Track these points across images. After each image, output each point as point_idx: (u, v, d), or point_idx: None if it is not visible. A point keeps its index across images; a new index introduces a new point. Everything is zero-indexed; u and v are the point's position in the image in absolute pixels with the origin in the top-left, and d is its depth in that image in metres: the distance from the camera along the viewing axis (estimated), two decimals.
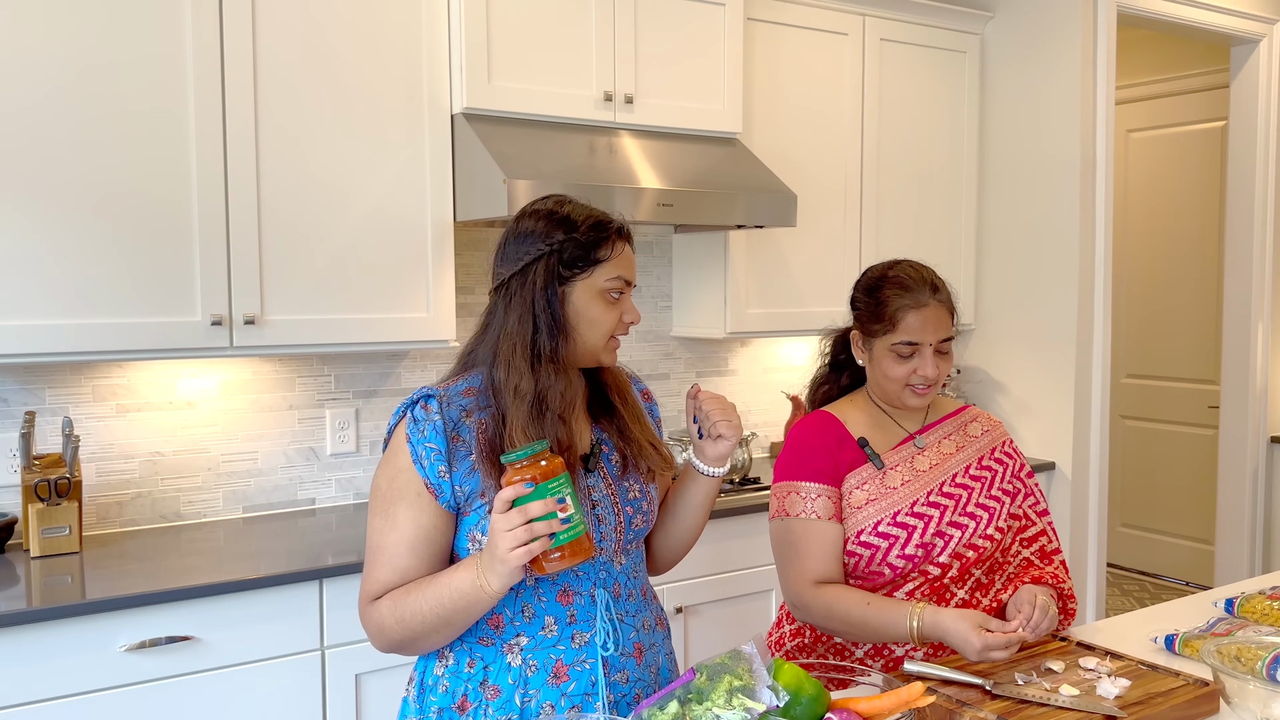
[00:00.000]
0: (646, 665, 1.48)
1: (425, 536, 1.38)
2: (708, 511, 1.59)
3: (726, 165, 2.94)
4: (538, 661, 1.40)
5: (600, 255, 1.42)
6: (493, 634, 1.41)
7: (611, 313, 1.44)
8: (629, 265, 1.45)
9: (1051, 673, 1.58)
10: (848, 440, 1.80)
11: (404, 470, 1.38)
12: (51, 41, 2.17)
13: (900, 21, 3.47)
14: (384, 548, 1.38)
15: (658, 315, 3.38)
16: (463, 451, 1.38)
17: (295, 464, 2.79)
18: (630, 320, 1.46)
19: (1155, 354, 5.21)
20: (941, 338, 1.75)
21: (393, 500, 1.39)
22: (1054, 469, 3.61)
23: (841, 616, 1.69)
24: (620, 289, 1.44)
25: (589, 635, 1.41)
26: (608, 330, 1.44)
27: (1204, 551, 5.00)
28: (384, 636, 1.38)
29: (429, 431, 1.38)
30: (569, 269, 1.41)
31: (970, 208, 3.74)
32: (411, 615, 1.34)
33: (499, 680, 1.40)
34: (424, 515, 1.37)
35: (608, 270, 1.42)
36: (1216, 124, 4.89)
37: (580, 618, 1.41)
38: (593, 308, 1.42)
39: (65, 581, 2.15)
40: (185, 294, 2.33)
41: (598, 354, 1.45)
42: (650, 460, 1.50)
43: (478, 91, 2.62)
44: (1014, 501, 1.84)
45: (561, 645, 1.40)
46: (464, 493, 1.38)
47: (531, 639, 1.40)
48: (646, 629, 1.50)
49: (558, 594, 1.41)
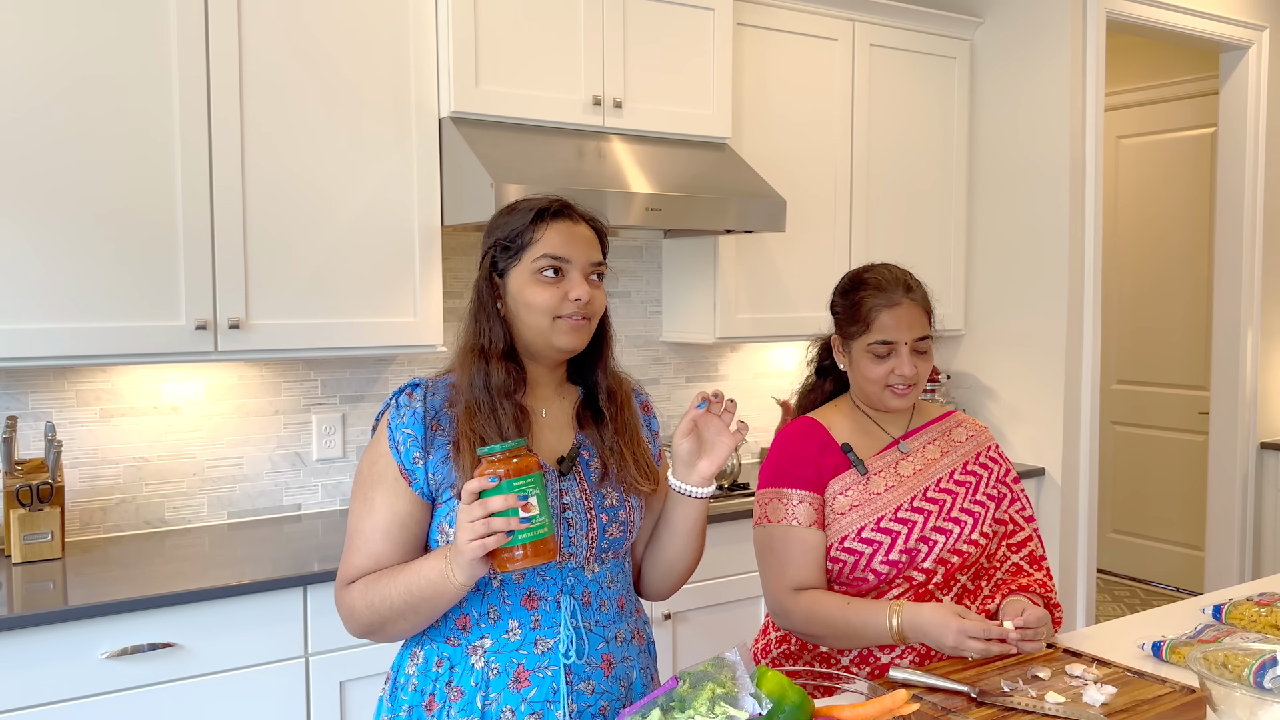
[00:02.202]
0: (616, 678, 1.45)
1: (400, 523, 1.39)
2: (697, 537, 1.51)
3: (716, 170, 2.94)
4: (500, 665, 1.39)
5: (527, 239, 1.42)
6: (459, 634, 1.41)
7: (548, 293, 1.40)
8: (563, 243, 1.41)
9: (1038, 679, 1.57)
10: (831, 446, 1.79)
11: (382, 455, 1.41)
12: (31, 41, 2.15)
13: (890, 27, 3.47)
14: (360, 531, 1.41)
15: (647, 320, 3.37)
16: (440, 440, 1.40)
17: (281, 469, 2.78)
18: (576, 297, 1.40)
19: (1145, 360, 5.22)
20: (917, 336, 1.76)
21: (371, 485, 1.41)
22: (1044, 475, 3.60)
23: (822, 620, 1.69)
24: (551, 267, 1.40)
25: (553, 642, 1.40)
26: (547, 311, 1.40)
27: (1194, 557, 5.00)
28: (354, 620, 1.40)
29: (408, 418, 1.41)
30: (504, 258, 1.43)
31: (960, 213, 3.74)
32: (381, 600, 1.36)
33: (462, 682, 1.40)
34: (399, 501, 1.39)
35: (535, 250, 1.41)
36: (1206, 130, 4.91)
37: (545, 623, 1.40)
38: (526, 291, 1.41)
39: (47, 588, 2.13)
40: (169, 298, 2.31)
41: (548, 338, 1.42)
42: (628, 475, 1.46)
43: (466, 95, 2.61)
44: (999, 507, 1.83)
45: (524, 650, 1.39)
46: (436, 481, 1.40)
47: (495, 641, 1.39)
48: (619, 641, 1.47)
49: (523, 598, 1.40)
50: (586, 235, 1.45)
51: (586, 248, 1.44)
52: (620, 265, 3.30)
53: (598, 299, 1.44)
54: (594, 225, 1.48)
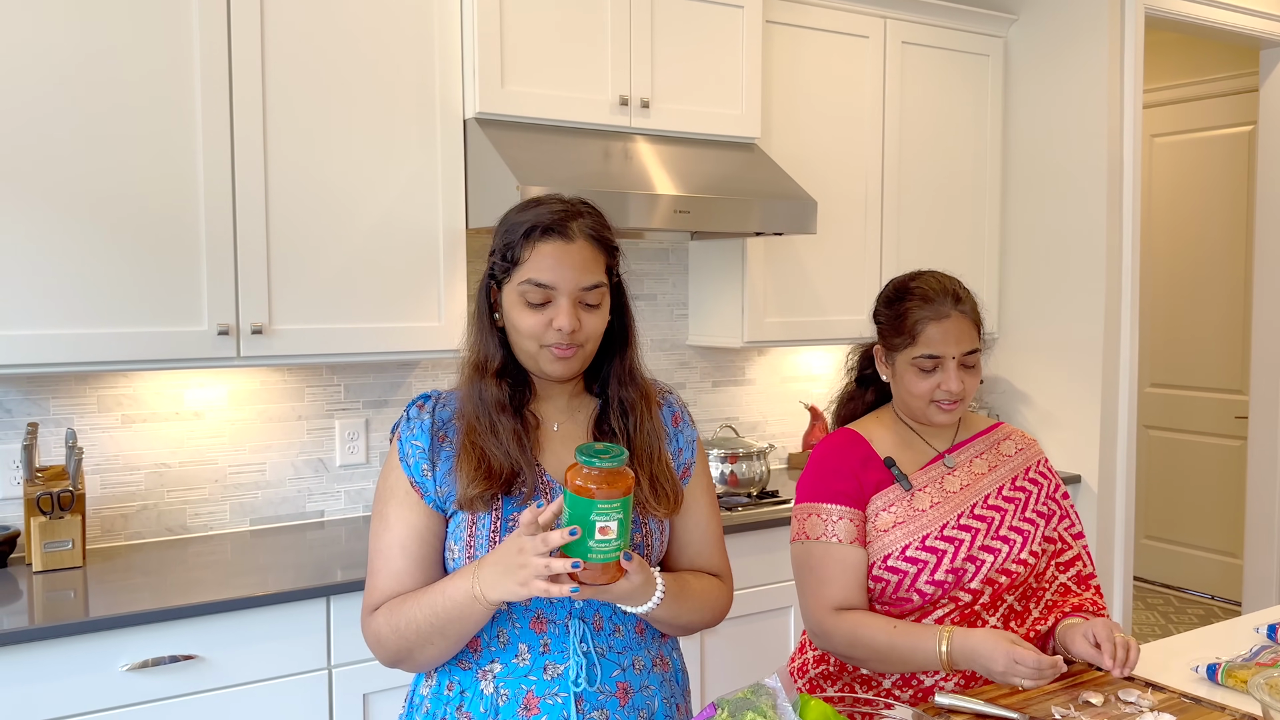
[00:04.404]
0: (634, 708, 1.37)
1: (417, 536, 1.36)
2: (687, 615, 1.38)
3: (745, 171, 2.88)
4: (509, 691, 1.33)
5: (516, 256, 1.34)
6: (470, 657, 1.36)
7: (533, 318, 1.32)
8: (551, 266, 1.31)
9: (1090, 705, 1.50)
10: (873, 460, 1.72)
11: (394, 470, 1.39)
12: (52, 38, 2.12)
13: (922, 24, 3.39)
14: (379, 551, 1.38)
15: (673, 324, 3.31)
16: (447, 451, 1.37)
17: (304, 475, 2.74)
18: (559, 327, 1.30)
19: (1180, 363, 5.11)
20: (965, 350, 1.67)
21: (385, 500, 1.39)
22: (1079, 481, 3.52)
23: (866, 643, 1.62)
24: (534, 293, 1.31)
25: (563, 667, 1.34)
26: (532, 337, 1.33)
27: (1231, 565, 4.90)
28: (382, 647, 1.36)
29: (417, 430, 1.39)
30: (500, 269, 1.37)
31: (994, 214, 3.66)
32: (406, 624, 1.31)
33: (472, 708, 1.35)
34: (412, 514, 1.36)
35: (522, 273, 1.33)
36: (1244, 128, 4.80)
37: (554, 648, 1.34)
38: (513, 313, 1.35)
39: (68, 597, 2.10)
40: (191, 303, 2.28)
41: (536, 363, 1.36)
42: (641, 497, 1.36)
43: (491, 96, 2.56)
44: (1049, 524, 1.76)
45: (533, 676, 1.33)
46: (444, 493, 1.36)
47: (505, 666, 1.34)
48: (637, 669, 1.39)
49: (531, 620, 1.34)
50: (581, 256, 1.33)
51: (577, 272, 1.32)
52: (646, 268, 3.24)
53: (589, 325, 1.34)
54: (598, 238, 1.36)
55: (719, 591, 1.47)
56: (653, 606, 1.30)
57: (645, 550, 1.39)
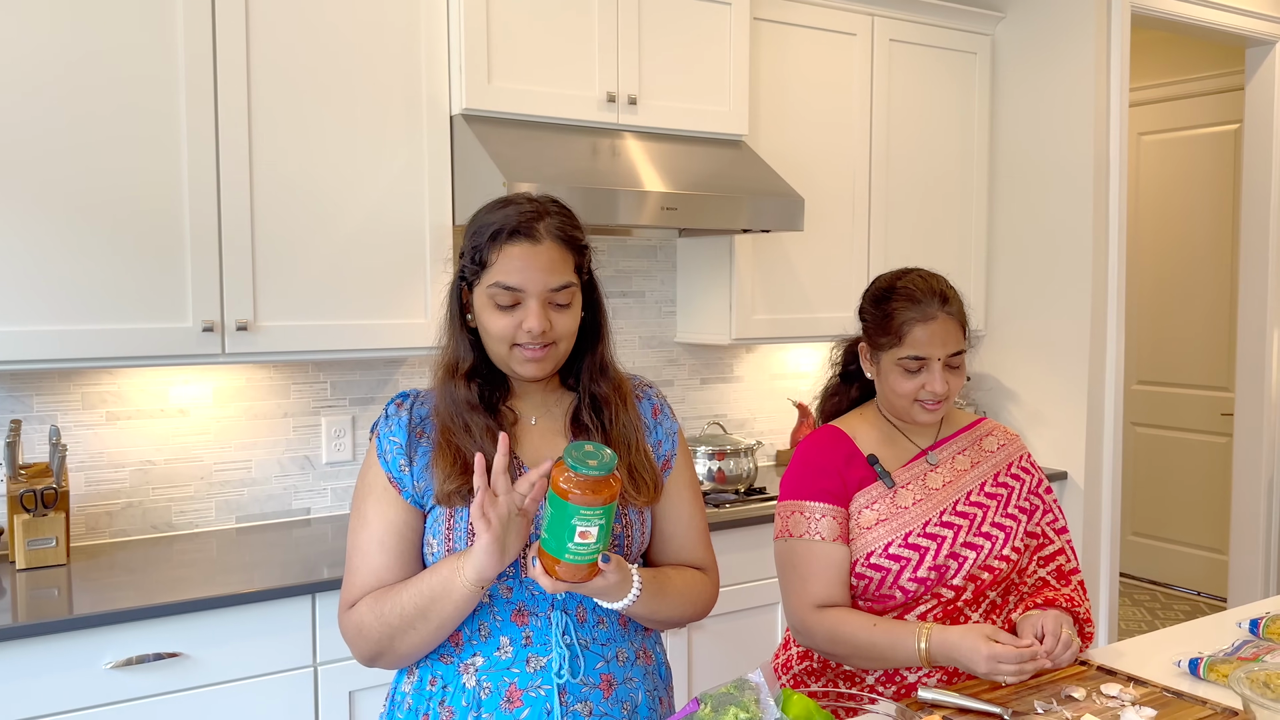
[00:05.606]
0: (618, 700, 1.37)
1: (395, 532, 1.36)
2: (667, 610, 1.38)
3: (732, 168, 2.88)
4: (492, 684, 1.33)
5: (483, 258, 1.34)
6: (452, 651, 1.36)
7: (503, 321, 1.33)
8: (519, 269, 1.31)
9: (1072, 700, 1.51)
10: (857, 457, 1.72)
11: (372, 467, 1.40)
12: (36, 36, 2.11)
13: (910, 22, 3.40)
14: (357, 548, 1.38)
15: (661, 321, 3.31)
16: (424, 447, 1.37)
17: (290, 473, 2.73)
18: (528, 329, 1.31)
19: (1166, 360, 5.14)
20: (950, 352, 1.67)
21: (364, 497, 1.39)
22: (1066, 478, 3.53)
23: (847, 640, 1.62)
24: (502, 296, 1.31)
25: (545, 660, 1.34)
26: (503, 339, 1.33)
27: (1217, 561, 4.92)
28: (363, 638, 1.35)
29: (395, 427, 1.40)
30: (470, 270, 1.36)
31: (981, 211, 3.67)
32: (390, 609, 1.31)
33: (454, 701, 1.35)
34: (390, 510, 1.37)
35: (491, 275, 1.33)
36: (1230, 127, 4.82)
37: (536, 640, 1.34)
38: (484, 315, 1.35)
39: (52, 595, 2.09)
40: (176, 299, 2.27)
41: (508, 364, 1.36)
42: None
43: (477, 92, 2.55)
44: (1031, 519, 1.77)
45: (516, 668, 1.33)
46: (421, 489, 1.37)
47: (487, 659, 1.34)
48: (621, 661, 1.39)
49: (512, 613, 1.34)
50: (549, 257, 1.32)
51: (545, 273, 1.32)
52: (634, 265, 3.24)
53: (560, 325, 1.34)
54: (565, 238, 1.35)
55: (702, 586, 1.46)
56: (629, 603, 1.30)
57: (625, 541, 1.39)
